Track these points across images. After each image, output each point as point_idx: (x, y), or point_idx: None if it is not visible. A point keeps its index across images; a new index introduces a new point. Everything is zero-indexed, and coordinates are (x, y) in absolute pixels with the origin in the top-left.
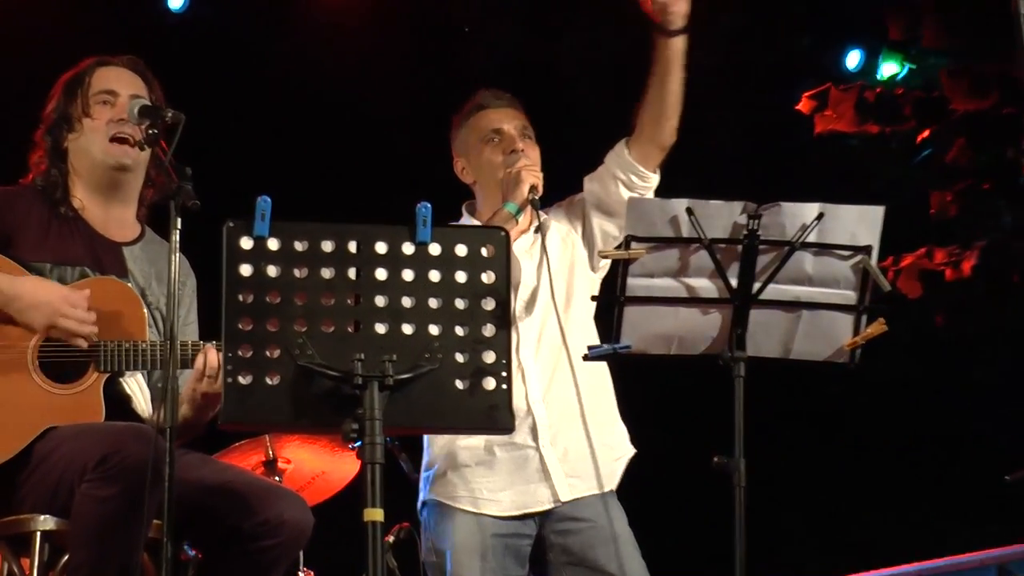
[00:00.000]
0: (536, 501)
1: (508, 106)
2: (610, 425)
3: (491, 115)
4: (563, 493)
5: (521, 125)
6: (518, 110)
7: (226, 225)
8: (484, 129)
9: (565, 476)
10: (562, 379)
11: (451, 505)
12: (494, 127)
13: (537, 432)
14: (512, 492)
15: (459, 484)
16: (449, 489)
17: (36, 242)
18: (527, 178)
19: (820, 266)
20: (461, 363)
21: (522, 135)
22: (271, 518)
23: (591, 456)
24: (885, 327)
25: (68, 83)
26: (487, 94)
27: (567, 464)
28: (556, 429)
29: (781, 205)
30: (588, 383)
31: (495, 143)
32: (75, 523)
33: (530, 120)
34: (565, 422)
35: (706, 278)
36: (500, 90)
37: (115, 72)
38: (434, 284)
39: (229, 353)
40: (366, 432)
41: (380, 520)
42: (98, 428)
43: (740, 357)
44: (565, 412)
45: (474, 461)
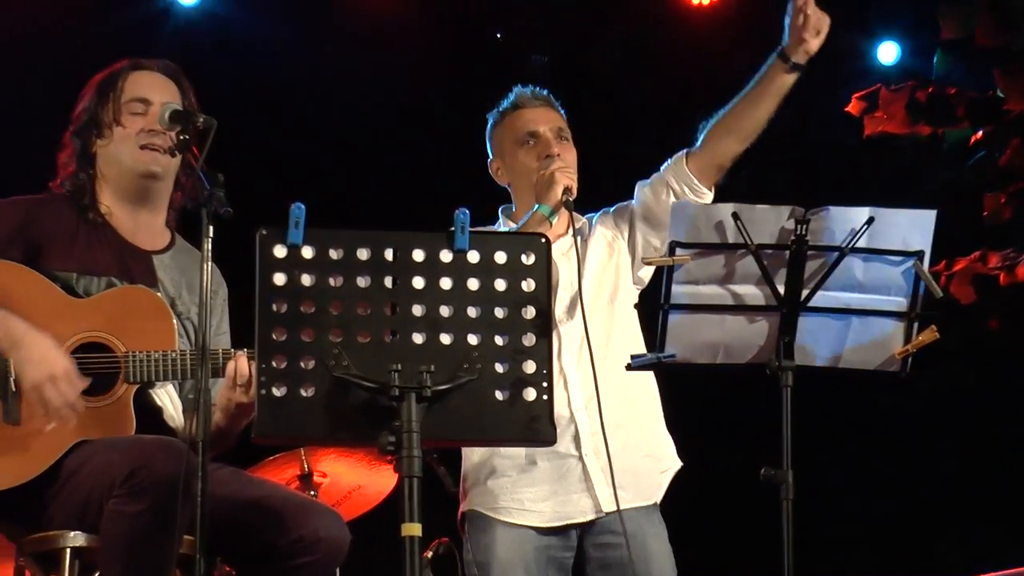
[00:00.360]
0: (579, 511)
1: (544, 106)
2: (656, 436)
3: (527, 115)
4: (606, 503)
5: (557, 127)
6: (555, 110)
7: (259, 233)
8: (520, 131)
9: (607, 486)
10: (606, 386)
11: (492, 516)
12: (529, 129)
13: (580, 440)
14: (554, 502)
15: (500, 494)
16: (489, 499)
17: (63, 251)
18: (560, 180)
19: (870, 272)
20: (501, 373)
21: (558, 137)
22: (307, 535)
23: (636, 466)
24: (937, 334)
25: (100, 86)
26: (524, 93)
27: (610, 474)
28: (599, 438)
29: (829, 209)
30: (633, 391)
31: (530, 146)
32: (105, 540)
33: (567, 118)
34: (609, 431)
35: (753, 285)
36: (537, 88)
37: (148, 78)
38: (473, 292)
39: (263, 364)
40: (403, 445)
41: (418, 535)
42: (126, 442)
43: (788, 366)
44: (609, 420)
45: (515, 470)
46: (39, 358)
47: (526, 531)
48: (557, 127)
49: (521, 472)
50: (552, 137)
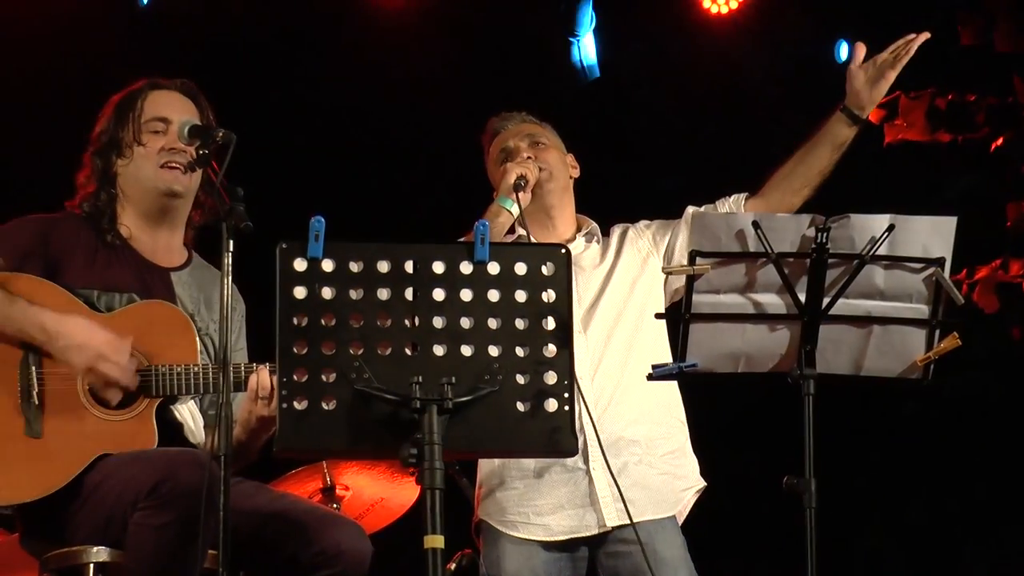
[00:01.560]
0: (583, 526)
1: (517, 123)
2: (678, 454)
3: (500, 139)
4: (610, 519)
5: (529, 136)
6: (527, 123)
7: (279, 246)
8: (496, 153)
9: (614, 500)
10: (622, 400)
11: (500, 530)
12: (501, 147)
13: (588, 454)
14: (560, 516)
15: (507, 506)
16: (498, 511)
17: (83, 268)
18: (512, 169)
19: (891, 279)
20: (522, 385)
21: (532, 144)
22: (328, 547)
23: (649, 481)
24: (959, 342)
25: (119, 106)
26: (495, 120)
27: (616, 487)
28: (610, 452)
29: (850, 217)
30: (654, 409)
31: (503, 163)
32: (131, 553)
33: (547, 125)
34: (622, 445)
35: (774, 293)
36: (508, 110)
37: (167, 97)
38: (493, 304)
39: (284, 378)
40: (425, 457)
41: (441, 547)
42: (150, 455)
43: (809, 375)
44: (623, 434)
45: (523, 482)
46: (80, 342)
47: (533, 546)
48: (527, 135)
49: (529, 484)
50: (524, 145)
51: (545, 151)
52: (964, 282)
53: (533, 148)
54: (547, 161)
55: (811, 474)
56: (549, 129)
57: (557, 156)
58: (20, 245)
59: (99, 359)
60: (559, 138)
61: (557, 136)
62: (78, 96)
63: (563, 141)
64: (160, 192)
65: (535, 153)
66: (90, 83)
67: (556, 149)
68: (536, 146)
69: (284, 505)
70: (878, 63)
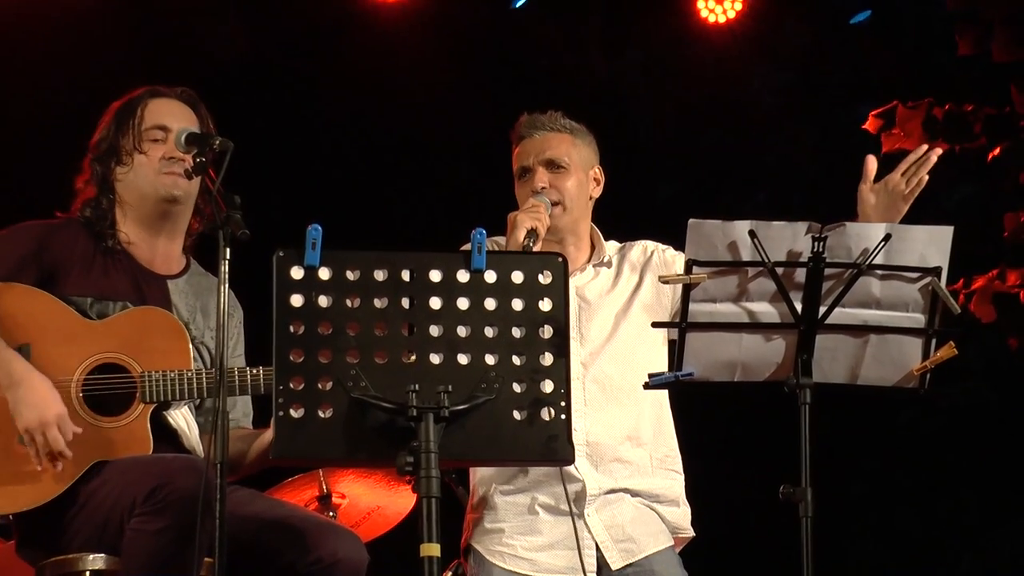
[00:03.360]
0: (571, 568)
1: (543, 134)
2: (676, 503)
3: (523, 149)
4: (614, 561)
5: (548, 159)
6: (554, 133)
7: (276, 254)
8: (516, 166)
9: (615, 542)
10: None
11: (488, 559)
12: (521, 164)
13: (585, 499)
14: (548, 554)
15: (496, 538)
16: (487, 541)
17: (80, 276)
18: (522, 224)
19: (888, 289)
20: (518, 393)
21: (550, 167)
22: (325, 555)
23: (648, 517)
24: (956, 351)
25: (119, 114)
26: (525, 121)
27: (615, 529)
28: (603, 496)
29: (846, 225)
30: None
31: (523, 181)
32: (127, 559)
33: (578, 131)
34: (614, 488)
35: (770, 302)
36: (540, 113)
37: (167, 106)
38: (490, 312)
39: (280, 386)
40: (421, 465)
41: (437, 555)
42: (146, 461)
43: (806, 384)
44: (615, 479)
45: (515, 516)
46: (35, 401)
47: None
48: (548, 159)
49: (521, 519)
50: (542, 170)
51: (563, 177)
52: (961, 292)
53: (552, 173)
54: (563, 191)
55: (807, 483)
56: (579, 136)
57: (576, 182)
58: (16, 252)
59: (41, 427)
60: (589, 145)
61: (587, 142)
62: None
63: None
64: (160, 198)
65: (552, 181)
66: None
67: (577, 171)
68: (556, 171)
69: (281, 513)
70: (890, 188)
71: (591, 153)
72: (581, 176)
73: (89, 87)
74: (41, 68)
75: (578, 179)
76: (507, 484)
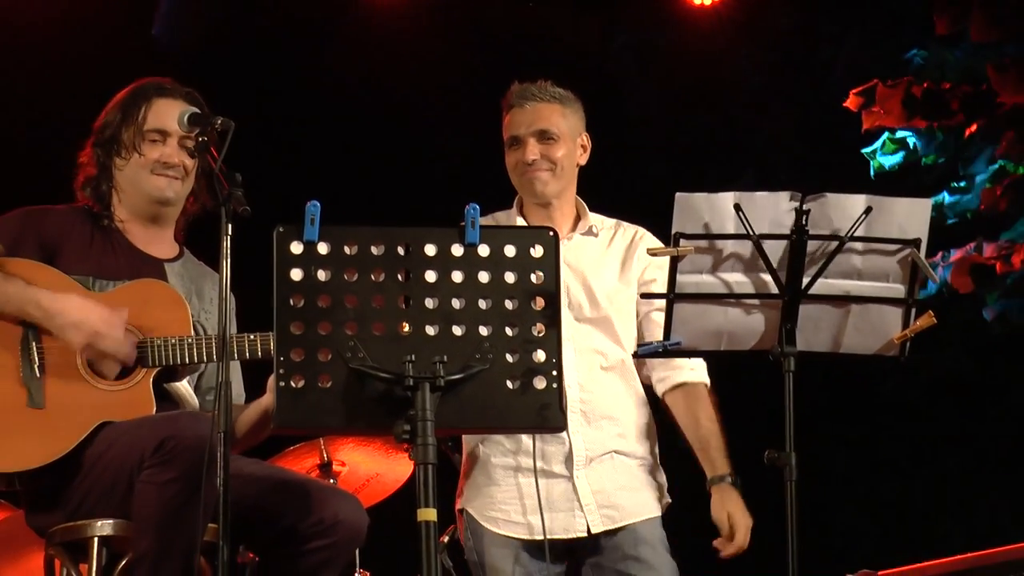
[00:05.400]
0: (563, 529)
1: (534, 104)
2: (654, 466)
3: (513, 118)
4: (595, 524)
5: (539, 129)
6: (544, 103)
7: (276, 230)
8: (506, 134)
9: (598, 507)
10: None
11: (481, 524)
12: (511, 133)
13: (573, 462)
14: (539, 517)
15: (488, 503)
16: (479, 504)
17: (78, 256)
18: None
19: (868, 260)
20: (511, 363)
21: (540, 139)
22: (326, 517)
23: (635, 485)
24: (934, 320)
25: (124, 107)
26: (515, 92)
27: (602, 495)
28: (593, 456)
29: (827, 196)
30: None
31: (513, 149)
32: (137, 512)
33: (567, 98)
34: (607, 454)
35: (755, 273)
36: (531, 82)
37: (170, 108)
38: (484, 285)
39: (281, 357)
40: (418, 433)
41: (433, 520)
42: (152, 418)
43: (790, 352)
44: (608, 446)
45: (505, 481)
46: (77, 320)
47: (514, 543)
48: (539, 129)
49: (511, 484)
50: (533, 141)
51: (554, 147)
52: (939, 264)
53: (543, 144)
54: (554, 159)
55: (791, 448)
56: (568, 104)
57: (565, 151)
58: (15, 232)
59: (96, 336)
60: (577, 112)
61: (575, 110)
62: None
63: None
64: (152, 199)
65: (543, 151)
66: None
67: (566, 141)
68: (546, 142)
69: (283, 477)
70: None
71: (579, 121)
72: (570, 145)
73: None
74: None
75: (567, 148)
76: (497, 448)
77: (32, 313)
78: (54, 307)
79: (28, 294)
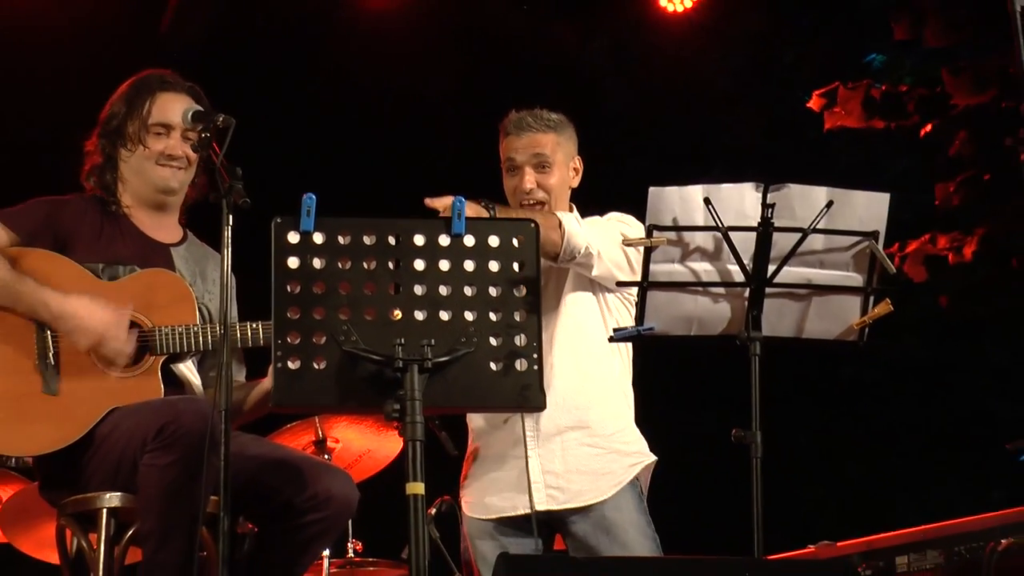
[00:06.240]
0: (511, 507)
1: (530, 134)
2: (622, 432)
3: (509, 144)
4: (540, 503)
5: (534, 154)
6: (540, 133)
7: (274, 221)
8: (503, 158)
9: (545, 487)
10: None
11: (463, 511)
12: (509, 157)
13: (527, 442)
14: (497, 497)
15: (467, 490)
16: (464, 493)
17: (90, 244)
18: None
19: (830, 250)
20: (495, 346)
21: (538, 165)
22: (320, 492)
23: (591, 464)
24: (891, 307)
25: (129, 98)
26: (511, 120)
27: (551, 476)
28: (547, 440)
29: (790, 186)
30: (599, 391)
31: (510, 174)
32: (141, 492)
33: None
34: (566, 431)
35: (723, 263)
36: (528, 110)
37: (174, 102)
38: (469, 273)
39: (279, 340)
40: (407, 412)
41: (421, 493)
42: (154, 403)
43: (756, 337)
44: (567, 422)
45: (475, 466)
46: (83, 325)
47: (487, 524)
48: (534, 153)
49: (479, 467)
50: (530, 170)
51: (548, 175)
52: (896, 255)
53: (539, 173)
54: (548, 188)
55: (757, 427)
56: (562, 130)
57: (559, 178)
58: (32, 223)
59: (100, 341)
60: (571, 138)
61: (568, 136)
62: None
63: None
64: (157, 188)
65: (539, 180)
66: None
67: (560, 168)
68: (541, 170)
69: (280, 455)
70: None
71: (572, 146)
72: (564, 171)
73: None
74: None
75: (561, 174)
76: (477, 435)
77: (42, 314)
78: (62, 310)
79: (38, 296)
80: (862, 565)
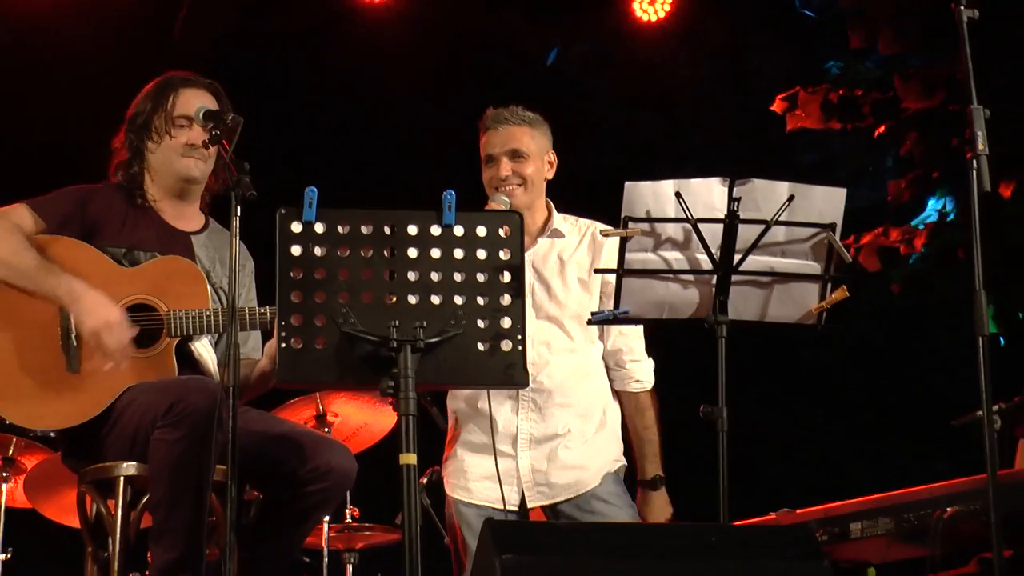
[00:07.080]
0: (499, 500)
1: (507, 127)
2: (608, 435)
3: (487, 139)
4: (531, 500)
5: (511, 149)
6: (516, 127)
7: (279, 212)
8: (482, 153)
9: (535, 485)
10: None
11: (447, 491)
12: (487, 152)
13: (518, 442)
14: (482, 485)
15: (451, 471)
16: (448, 472)
17: (115, 231)
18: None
19: (791, 240)
20: (482, 328)
21: (514, 157)
22: (320, 464)
23: (577, 462)
24: (847, 293)
25: (155, 94)
26: (490, 116)
27: (539, 474)
28: (537, 442)
29: (755, 182)
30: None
31: (489, 167)
32: (151, 465)
33: (536, 121)
34: (557, 435)
35: (693, 252)
36: (504, 107)
37: (196, 97)
38: (458, 260)
39: (282, 321)
40: (401, 388)
41: (414, 464)
42: (166, 382)
43: (723, 320)
44: (557, 429)
45: (464, 453)
46: (95, 309)
47: (471, 508)
48: (511, 148)
49: (467, 455)
50: (506, 160)
51: (524, 165)
52: (852, 246)
53: (514, 162)
54: (524, 176)
55: (723, 404)
56: (537, 126)
57: (534, 168)
58: (63, 211)
59: (105, 328)
60: (545, 134)
61: (543, 131)
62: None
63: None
64: (180, 177)
65: (515, 168)
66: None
67: (535, 159)
68: (517, 160)
69: (283, 429)
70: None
71: (546, 140)
72: (538, 162)
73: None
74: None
75: (536, 165)
76: (464, 422)
77: (62, 297)
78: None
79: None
80: (819, 531)
